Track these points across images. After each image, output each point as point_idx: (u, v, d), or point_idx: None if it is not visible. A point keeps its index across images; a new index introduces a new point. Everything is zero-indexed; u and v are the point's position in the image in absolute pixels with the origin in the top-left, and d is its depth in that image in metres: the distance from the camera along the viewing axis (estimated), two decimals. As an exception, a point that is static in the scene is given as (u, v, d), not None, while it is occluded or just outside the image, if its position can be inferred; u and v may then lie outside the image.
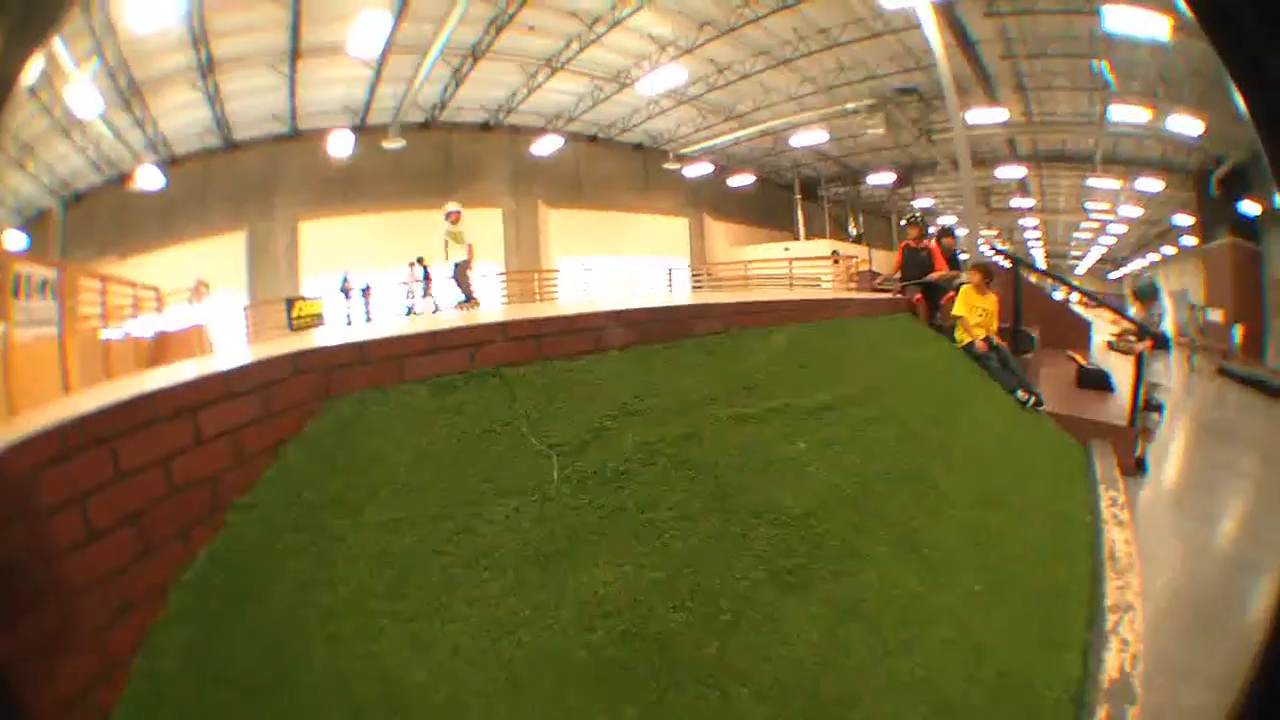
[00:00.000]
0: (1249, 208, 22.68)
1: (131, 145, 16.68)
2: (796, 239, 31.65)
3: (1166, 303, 7.46)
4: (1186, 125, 20.26)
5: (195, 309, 14.00)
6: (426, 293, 18.25)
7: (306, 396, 2.68)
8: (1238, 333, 20.95)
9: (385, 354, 3.01)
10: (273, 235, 20.88)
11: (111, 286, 11.70)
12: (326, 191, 21.29)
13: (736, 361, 4.15)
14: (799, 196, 33.73)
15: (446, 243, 13.17)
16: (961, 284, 8.10)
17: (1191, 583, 4.92)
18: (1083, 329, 13.67)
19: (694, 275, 27.04)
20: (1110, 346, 13.25)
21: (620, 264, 23.32)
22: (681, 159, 27.80)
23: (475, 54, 18.67)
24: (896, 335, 6.97)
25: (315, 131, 20.43)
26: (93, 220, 16.79)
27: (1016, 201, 34.68)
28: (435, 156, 22.96)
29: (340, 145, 20.36)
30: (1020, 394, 6.92)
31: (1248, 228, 23.56)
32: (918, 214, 12.84)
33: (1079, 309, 20.50)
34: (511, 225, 25.15)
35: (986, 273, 7.97)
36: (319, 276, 20.06)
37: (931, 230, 9.99)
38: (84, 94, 12.52)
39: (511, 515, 2.53)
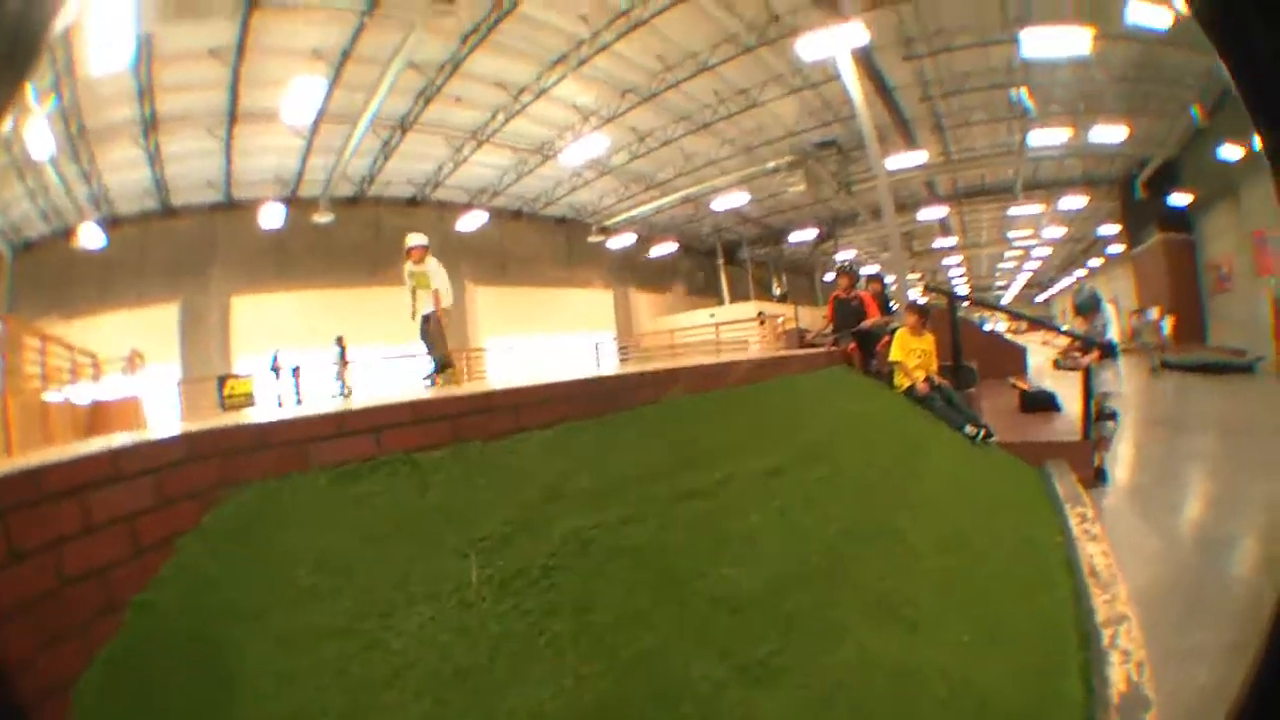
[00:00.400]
0: (1178, 199, 23.60)
1: (77, 198, 16.54)
2: (721, 303, 32.09)
3: (1109, 311, 7.47)
4: (1109, 134, 20.95)
5: (130, 380, 13.67)
6: (340, 374, 18.00)
7: (204, 484, 2.32)
8: (1168, 325, 21.60)
9: (287, 439, 2.63)
10: (205, 309, 20.84)
11: (52, 347, 10.99)
12: (259, 266, 21.35)
13: (673, 432, 3.88)
14: (722, 261, 34.22)
15: (413, 290, 9.08)
16: (895, 329, 8.00)
17: (1179, 572, 4.87)
18: (1018, 355, 13.79)
19: (620, 348, 27.11)
20: (1057, 365, 13.36)
21: (548, 341, 23.20)
22: (605, 231, 28.10)
23: (404, 126, 18.71)
24: (836, 388, 6.86)
25: (249, 202, 20.44)
26: (38, 274, 16.80)
27: (939, 242, 35.67)
28: (364, 232, 22.79)
29: (272, 217, 20.33)
30: (969, 429, 6.78)
31: (1178, 221, 24.45)
32: (847, 264, 12.85)
33: (1010, 336, 20.87)
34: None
35: (921, 313, 7.88)
36: (251, 354, 20.05)
37: (860, 279, 9.99)
38: (40, 133, 12.40)
39: (426, 626, 2.10)
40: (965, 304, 20.88)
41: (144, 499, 2.12)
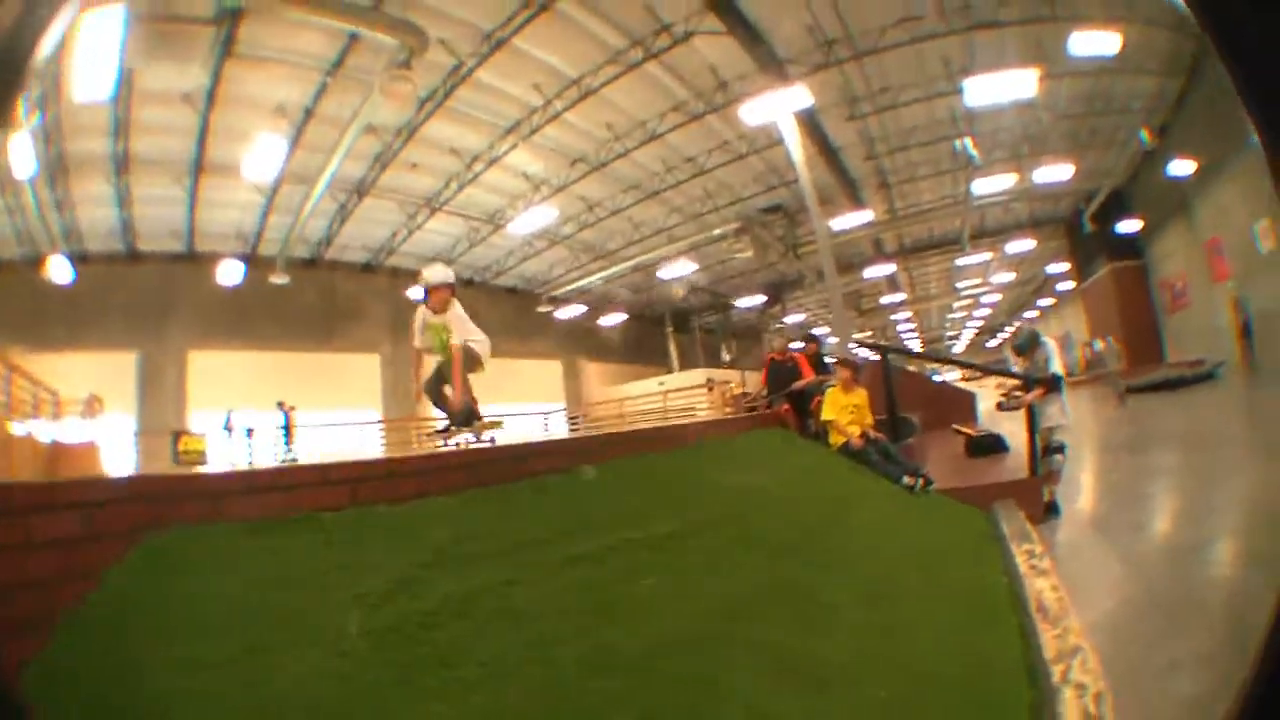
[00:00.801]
0: (1127, 227, 24.27)
1: (50, 226, 16.43)
2: (671, 371, 31.99)
3: (1051, 345, 7.47)
4: (1055, 173, 21.23)
5: (88, 425, 13.58)
6: (288, 440, 17.85)
7: (129, 524, 2.59)
8: (1119, 352, 21.92)
9: (206, 490, 2.97)
10: (163, 361, 20.56)
11: (17, 378, 11.06)
12: (216, 323, 20.94)
13: (575, 500, 3.93)
14: (670, 329, 34.28)
15: (419, 356, 6.41)
16: (830, 387, 7.98)
17: (1141, 592, 4.60)
18: (967, 403, 13.79)
19: (570, 419, 27.03)
20: (1000, 408, 13.32)
21: (500, 412, 23.03)
22: (554, 301, 28.00)
23: (360, 190, 18.77)
24: (765, 450, 6.90)
25: (209, 255, 20.24)
26: (6, 300, 16.62)
27: (887, 299, 36.07)
28: (319, 296, 22.76)
29: (230, 274, 20.15)
30: (906, 480, 6.71)
31: (1127, 249, 25.10)
32: (780, 327, 12.83)
33: (962, 385, 21.01)
34: (389, 371, 24.76)
35: (852, 368, 7.88)
36: (205, 411, 19.75)
37: (795, 343, 10.01)
38: (24, 150, 12.30)
39: (307, 668, 2.23)
40: (900, 355, 20.89)
41: (76, 529, 2.40)
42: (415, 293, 6.69)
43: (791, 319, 34.53)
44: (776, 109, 14.32)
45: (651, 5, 13.45)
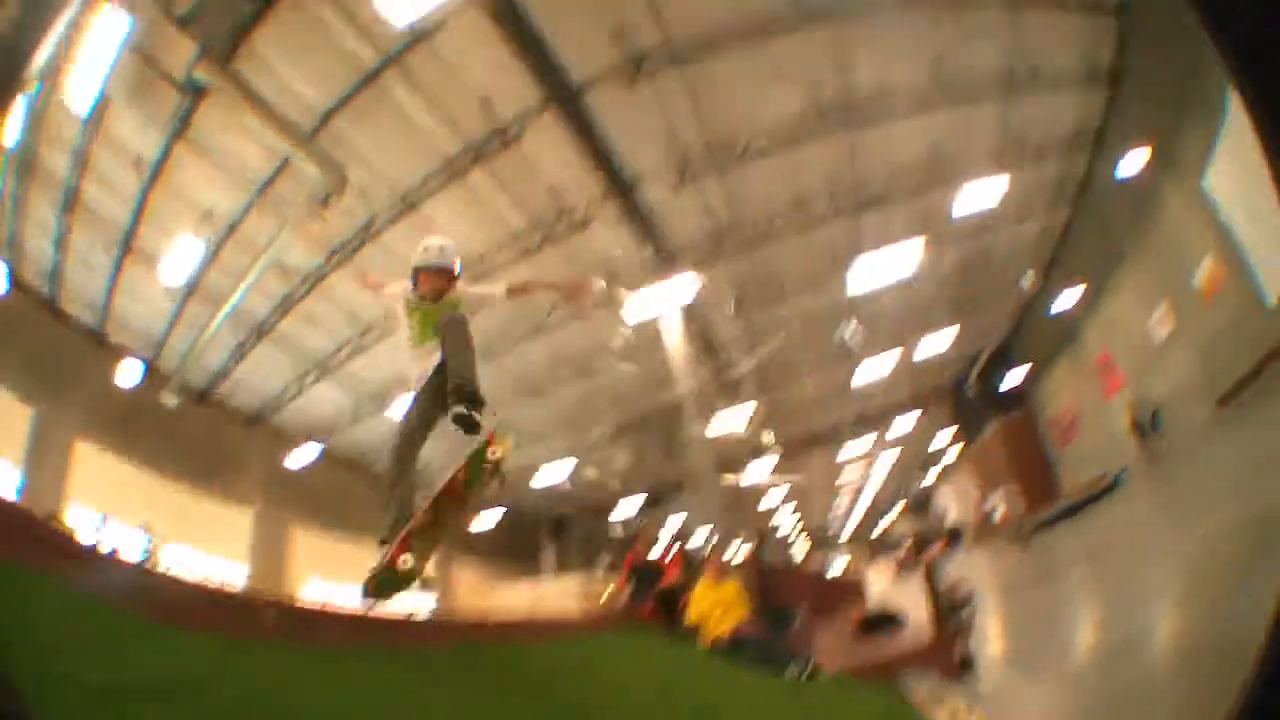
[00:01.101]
0: (1012, 379, 24.91)
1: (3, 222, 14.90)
2: (543, 577, 30.47)
3: (946, 495, 7.38)
4: (938, 341, 21.60)
5: None
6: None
7: None
8: (1017, 493, 21.87)
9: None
10: (55, 434, 18.04)
11: None
12: (107, 420, 18.66)
13: (379, 684, 3.27)
14: (547, 535, 33.01)
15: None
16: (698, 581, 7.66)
17: (1084, 705, 4.38)
18: (856, 591, 13.61)
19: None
20: (901, 568, 12.94)
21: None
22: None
23: (261, 331, 17.89)
24: (626, 650, 6.56)
25: (117, 348, 18.44)
26: None
27: (771, 495, 35.87)
28: (205, 433, 21.00)
29: (129, 375, 18.50)
30: (792, 670, 6.22)
31: (1013, 400, 25.57)
32: (636, 528, 12.56)
33: (850, 576, 20.78)
34: (259, 536, 22.85)
35: (721, 562, 7.61)
36: (82, 506, 17.36)
37: (657, 547, 9.77)
38: (13, 121, 11.42)
39: None
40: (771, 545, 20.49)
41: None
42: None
43: (673, 519, 33.86)
44: (662, 303, 14.57)
45: (556, 188, 13.77)
